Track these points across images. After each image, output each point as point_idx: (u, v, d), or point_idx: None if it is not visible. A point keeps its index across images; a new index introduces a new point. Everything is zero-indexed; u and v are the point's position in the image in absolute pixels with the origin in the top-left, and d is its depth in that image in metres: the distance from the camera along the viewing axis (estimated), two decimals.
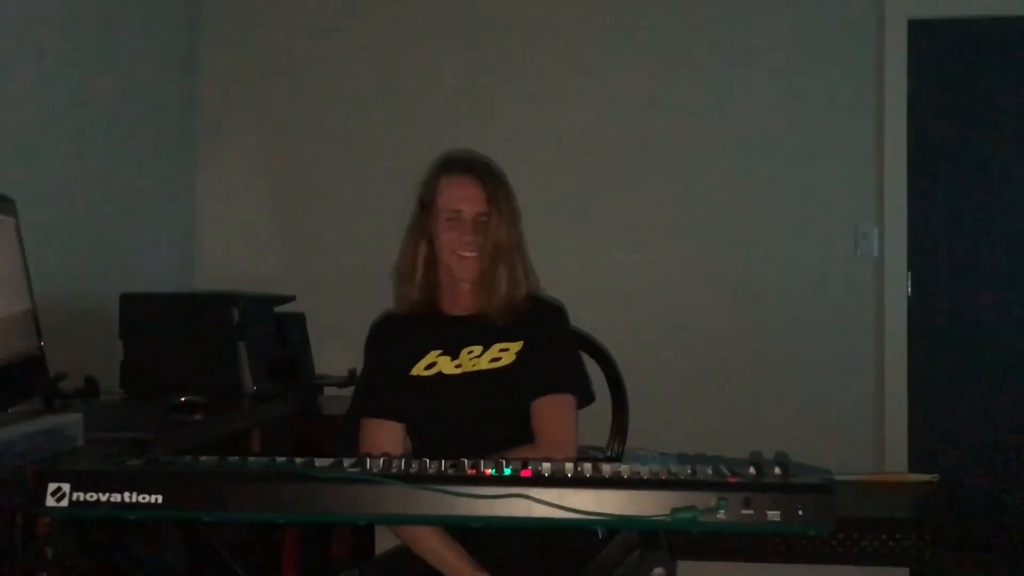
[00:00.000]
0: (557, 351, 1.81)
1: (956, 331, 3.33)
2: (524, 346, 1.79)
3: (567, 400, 1.77)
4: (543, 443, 1.69)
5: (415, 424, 1.82)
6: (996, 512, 2.62)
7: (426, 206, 1.85)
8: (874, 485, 2.75)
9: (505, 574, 1.63)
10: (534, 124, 3.37)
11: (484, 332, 1.80)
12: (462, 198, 1.80)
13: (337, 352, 3.14)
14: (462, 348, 1.80)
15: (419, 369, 1.80)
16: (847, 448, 3.19)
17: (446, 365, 1.79)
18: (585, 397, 1.83)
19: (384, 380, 1.84)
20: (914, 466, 3.15)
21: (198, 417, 1.90)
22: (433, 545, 1.63)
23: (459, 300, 1.84)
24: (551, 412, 1.74)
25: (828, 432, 3.22)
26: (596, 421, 2.02)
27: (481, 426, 1.74)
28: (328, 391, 2.94)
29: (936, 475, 2.77)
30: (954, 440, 3.29)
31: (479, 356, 1.79)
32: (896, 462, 3.20)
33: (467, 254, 1.78)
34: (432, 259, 1.84)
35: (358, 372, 2.97)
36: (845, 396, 3.28)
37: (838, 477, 2.69)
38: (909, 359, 3.28)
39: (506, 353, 1.78)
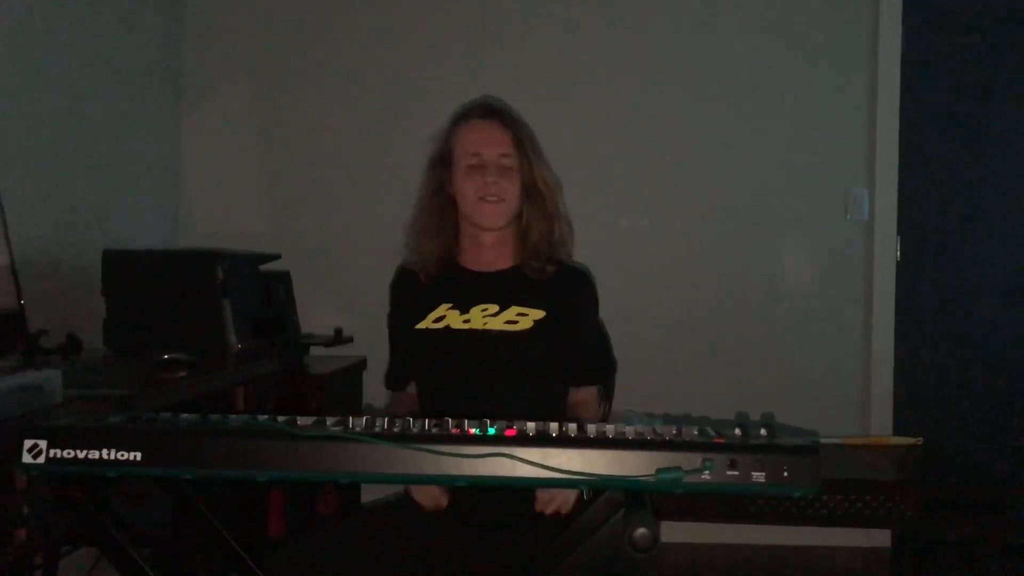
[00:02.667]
0: (587, 334, 1.76)
1: (944, 297, 3.34)
2: (545, 317, 1.72)
3: (593, 392, 1.80)
4: None
5: (422, 381, 1.80)
6: (979, 476, 2.63)
7: (443, 158, 1.79)
8: (859, 448, 2.76)
9: (490, 534, 1.63)
10: (531, 83, 3.32)
11: (503, 292, 1.75)
12: (483, 141, 1.72)
13: (323, 311, 3.13)
14: (475, 304, 1.75)
15: (427, 323, 1.76)
16: (833, 411, 3.21)
17: (454, 319, 1.75)
18: (610, 379, 1.85)
19: (399, 348, 1.85)
20: (899, 430, 3.18)
21: (182, 374, 1.88)
22: None
23: (481, 255, 1.79)
24: (582, 407, 1.76)
25: (814, 395, 3.23)
26: None
27: (484, 386, 1.69)
28: (314, 350, 2.93)
29: (920, 438, 2.79)
30: (939, 404, 3.31)
31: (494, 316, 1.73)
32: (881, 426, 3.22)
33: (492, 198, 1.72)
34: (450, 214, 1.78)
35: (344, 332, 2.99)
36: (832, 360, 3.28)
37: (823, 440, 2.71)
38: (896, 324, 3.28)
39: (524, 318, 1.72)
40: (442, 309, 1.76)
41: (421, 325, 1.77)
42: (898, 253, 3.30)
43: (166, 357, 1.96)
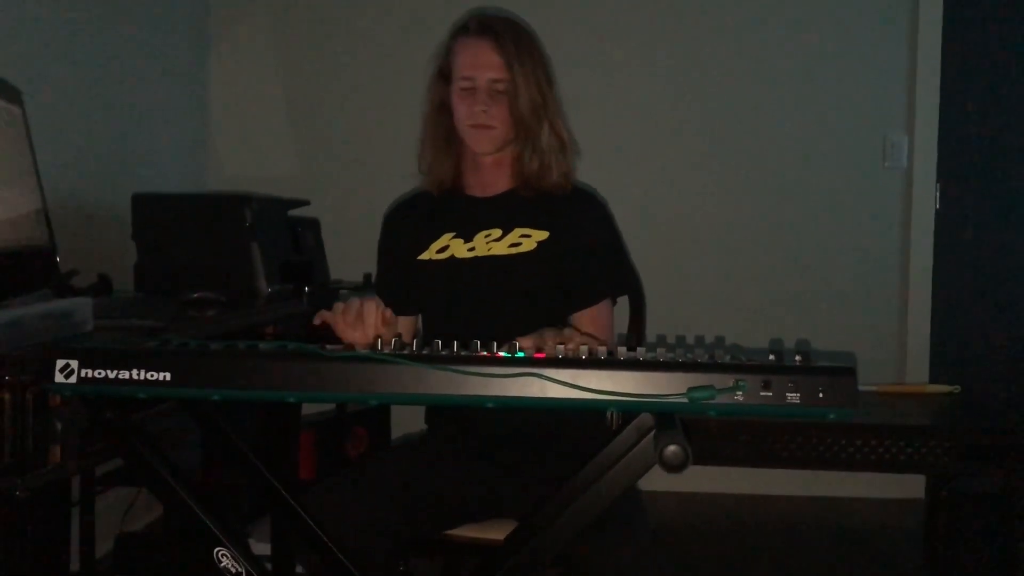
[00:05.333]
0: (596, 250, 1.69)
1: (982, 245, 3.27)
2: (549, 238, 1.67)
3: (601, 308, 1.69)
4: None
5: (425, 312, 1.77)
6: (1017, 423, 2.58)
7: (443, 73, 1.72)
8: (894, 396, 2.73)
9: (515, 468, 1.61)
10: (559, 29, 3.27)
11: (506, 215, 1.70)
12: (475, 63, 1.64)
13: (352, 258, 3.12)
14: (479, 231, 1.70)
15: (430, 253, 1.72)
16: (869, 359, 3.16)
17: (459, 249, 1.70)
18: (622, 292, 1.76)
19: (391, 274, 1.79)
20: (936, 379, 3.12)
21: (211, 313, 1.88)
22: None
23: (483, 179, 1.73)
24: (588, 325, 1.65)
25: (850, 343, 3.19)
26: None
27: (492, 315, 1.65)
28: (344, 296, 2.93)
29: (958, 386, 2.74)
30: (978, 354, 3.25)
31: (497, 240, 1.69)
32: (918, 375, 3.18)
33: (481, 125, 1.65)
34: (455, 132, 1.70)
35: (373, 277, 2.99)
36: (868, 308, 3.24)
37: (859, 388, 2.67)
38: (934, 272, 3.23)
39: (527, 240, 1.67)
40: (445, 239, 1.72)
41: (424, 256, 1.73)
42: (937, 202, 3.23)
43: (196, 296, 1.96)
